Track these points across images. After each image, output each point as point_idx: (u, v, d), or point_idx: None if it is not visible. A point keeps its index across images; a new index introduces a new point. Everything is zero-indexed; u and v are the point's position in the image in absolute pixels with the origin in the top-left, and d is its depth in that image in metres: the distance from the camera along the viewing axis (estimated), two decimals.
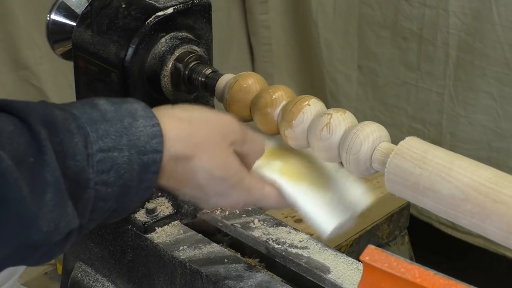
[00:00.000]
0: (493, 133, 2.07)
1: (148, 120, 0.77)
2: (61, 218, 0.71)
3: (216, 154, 0.82)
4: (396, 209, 1.54)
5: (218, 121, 0.84)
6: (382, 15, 2.17)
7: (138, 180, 0.76)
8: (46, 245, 0.71)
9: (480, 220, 0.75)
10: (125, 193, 0.75)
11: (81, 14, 1.07)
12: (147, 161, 0.76)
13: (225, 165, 0.83)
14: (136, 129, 0.76)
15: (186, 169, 0.81)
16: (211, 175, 0.82)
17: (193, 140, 0.81)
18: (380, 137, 0.86)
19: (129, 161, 0.75)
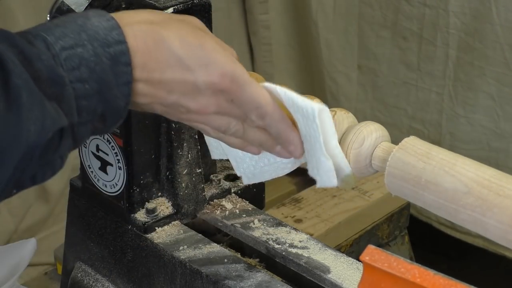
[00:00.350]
0: (492, 133, 2.07)
1: (101, 17, 0.77)
2: (44, 116, 0.71)
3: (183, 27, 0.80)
4: (396, 209, 1.54)
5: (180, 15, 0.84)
6: (382, 15, 2.17)
7: (113, 74, 0.75)
8: (38, 146, 0.71)
9: (481, 214, 0.76)
10: (105, 89, 0.75)
11: None
12: (114, 53, 0.75)
13: (196, 34, 0.80)
14: (91, 25, 0.75)
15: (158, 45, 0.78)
16: (185, 41, 0.78)
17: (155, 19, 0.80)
18: (382, 136, 0.87)
19: (95, 54, 0.74)
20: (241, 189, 1.17)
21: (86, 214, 1.15)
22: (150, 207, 1.08)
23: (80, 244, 1.17)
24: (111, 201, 1.10)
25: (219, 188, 1.15)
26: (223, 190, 1.15)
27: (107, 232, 1.12)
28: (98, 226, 1.13)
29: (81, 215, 1.15)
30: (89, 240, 1.15)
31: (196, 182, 1.10)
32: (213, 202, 1.14)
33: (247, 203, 1.14)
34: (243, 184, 0.97)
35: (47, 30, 0.75)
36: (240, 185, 1.17)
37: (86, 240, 1.16)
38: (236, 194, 1.16)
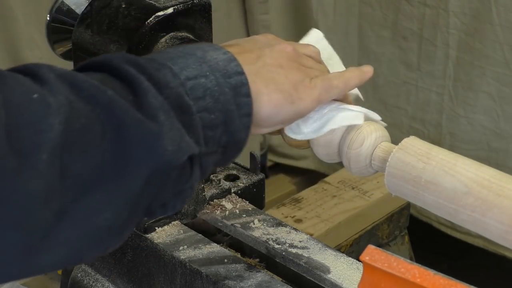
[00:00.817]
0: (492, 133, 2.07)
1: (217, 50, 0.78)
2: (181, 138, 0.71)
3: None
4: (396, 209, 1.54)
5: None
6: (382, 15, 2.17)
7: (235, 104, 0.76)
8: (176, 168, 0.70)
9: (481, 214, 0.76)
10: (228, 120, 0.76)
11: (81, 14, 1.07)
12: (235, 83, 0.76)
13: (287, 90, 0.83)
14: (211, 57, 0.77)
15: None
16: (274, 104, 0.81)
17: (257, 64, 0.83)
18: (382, 137, 0.87)
19: (218, 84, 0.75)
20: (241, 189, 1.17)
21: None
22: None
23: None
24: None
25: (219, 188, 1.15)
26: (223, 190, 1.15)
27: None
28: None
29: None
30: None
31: None
32: (213, 202, 1.14)
33: (247, 203, 1.14)
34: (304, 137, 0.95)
35: (170, 60, 0.75)
36: (240, 185, 1.17)
37: None
38: (236, 194, 1.16)
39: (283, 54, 0.86)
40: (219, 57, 0.77)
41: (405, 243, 1.59)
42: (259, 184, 1.19)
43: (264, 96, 0.80)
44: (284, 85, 0.82)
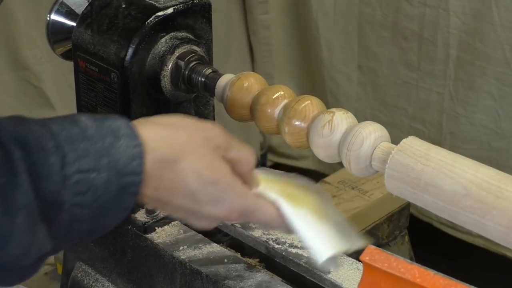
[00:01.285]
0: (493, 133, 2.07)
1: (131, 139, 0.74)
2: (32, 243, 0.68)
3: (202, 156, 0.79)
4: (396, 209, 1.54)
5: (200, 125, 0.82)
6: (382, 14, 2.17)
7: (116, 201, 0.73)
8: (14, 269, 0.69)
9: (481, 216, 0.75)
10: (102, 215, 0.73)
11: (81, 14, 1.07)
12: (126, 182, 0.73)
13: (213, 167, 0.79)
14: (117, 150, 0.73)
15: (174, 174, 0.77)
16: (200, 177, 0.78)
17: (176, 142, 0.78)
18: (382, 137, 0.87)
19: (107, 182, 0.72)
20: None
21: None
22: (150, 207, 1.08)
23: (80, 244, 1.17)
24: None
25: None
26: None
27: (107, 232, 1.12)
28: None
29: None
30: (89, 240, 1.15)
31: None
32: None
33: None
34: None
35: (71, 143, 0.71)
36: None
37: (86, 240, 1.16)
38: None
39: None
40: (125, 152, 0.73)
41: (405, 243, 1.59)
42: None
43: None
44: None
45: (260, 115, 0.95)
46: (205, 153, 0.79)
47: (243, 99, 0.97)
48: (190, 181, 0.78)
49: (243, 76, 0.99)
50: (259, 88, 0.98)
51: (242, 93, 0.97)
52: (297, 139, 0.94)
